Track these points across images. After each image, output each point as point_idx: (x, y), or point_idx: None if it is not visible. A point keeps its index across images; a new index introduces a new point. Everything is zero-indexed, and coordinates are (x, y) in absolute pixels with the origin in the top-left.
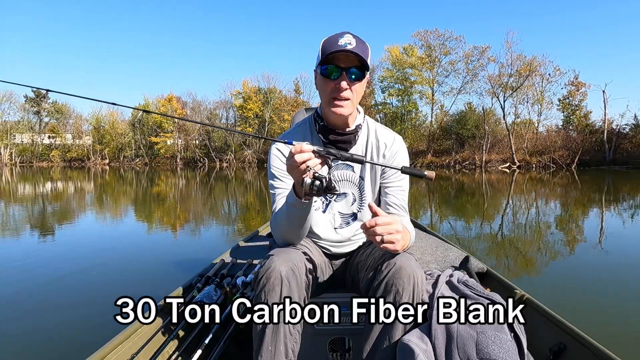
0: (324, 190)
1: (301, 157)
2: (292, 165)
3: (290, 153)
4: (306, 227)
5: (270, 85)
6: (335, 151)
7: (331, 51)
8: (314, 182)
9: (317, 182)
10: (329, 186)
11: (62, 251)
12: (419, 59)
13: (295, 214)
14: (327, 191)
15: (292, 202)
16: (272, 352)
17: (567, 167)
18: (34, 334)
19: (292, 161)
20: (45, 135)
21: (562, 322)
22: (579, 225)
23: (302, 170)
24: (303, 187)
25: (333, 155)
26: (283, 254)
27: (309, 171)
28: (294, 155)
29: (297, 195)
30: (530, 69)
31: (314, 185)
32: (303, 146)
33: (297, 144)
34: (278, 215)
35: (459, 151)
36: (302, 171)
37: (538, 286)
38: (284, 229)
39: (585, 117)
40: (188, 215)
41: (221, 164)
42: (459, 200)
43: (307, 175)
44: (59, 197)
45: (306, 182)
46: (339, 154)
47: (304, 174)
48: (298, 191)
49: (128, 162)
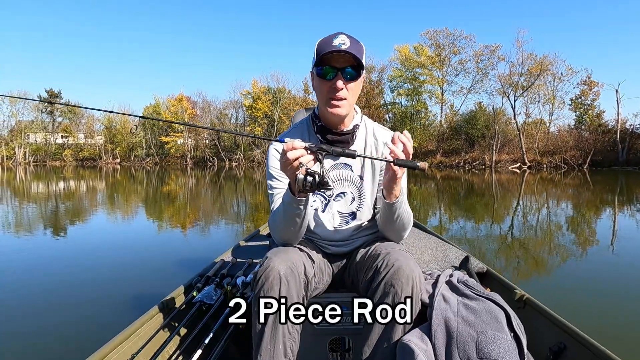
0: (317, 186)
1: (293, 154)
2: (285, 163)
3: (283, 150)
4: (303, 226)
5: (279, 85)
6: (327, 147)
7: (326, 52)
8: (306, 178)
9: (309, 178)
10: (322, 181)
11: (63, 250)
12: (429, 58)
13: (291, 212)
14: (321, 186)
15: (288, 201)
16: (270, 351)
17: (579, 167)
18: (34, 333)
19: (284, 158)
20: (58, 134)
21: (562, 322)
22: (583, 226)
23: (295, 167)
24: (296, 183)
25: (325, 151)
26: (282, 254)
27: (302, 167)
28: (286, 153)
29: (292, 193)
30: (541, 68)
31: (307, 181)
32: (295, 143)
33: (289, 141)
34: (275, 215)
35: (469, 151)
36: (295, 168)
37: (538, 286)
38: (282, 227)
39: (598, 117)
40: (193, 214)
41: (230, 163)
42: (467, 201)
43: (300, 171)
44: (69, 196)
45: (299, 178)
46: (331, 149)
47: (297, 170)
48: (293, 188)
49: (139, 161)
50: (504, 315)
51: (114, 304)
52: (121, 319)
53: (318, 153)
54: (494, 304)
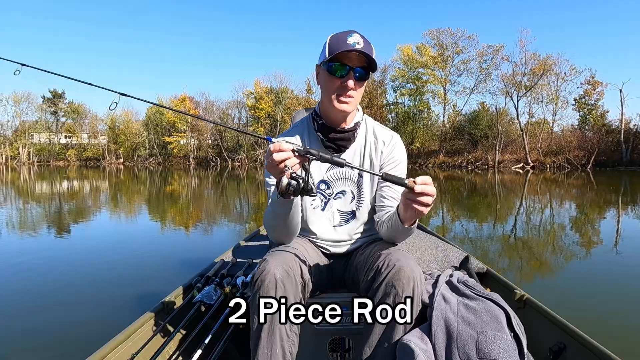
0: (300, 192)
1: (279, 156)
2: (270, 164)
3: (269, 151)
4: (294, 225)
5: (282, 85)
6: (316, 151)
7: (341, 50)
8: (290, 183)
9: (293, 182)
10: (306, 188)
11: (64, 250)
12: (432, 58)
13: (279, 210)
14: (304, 193)
15: (276, 200)
16: (268, 355)
17: (582, 167)
18: (34, 333)
19: (270, 159)
20: (62, 135)
21: (562, 322)
22: (585, 226)
23: (281, 169)
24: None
25: (312, 156)
26: (278, 256)
27: (287, 170)
28: (272, 154)
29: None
30: (544, 68)
31: (290, 186)
32: (282, 145)
33: (277, 142)
34: (266, 213)
35: (472, 151)
36: (280, 170)
37: (538, 286)
38: (271, 225)
39: (601, 117)
40: (194, 214)
41: (233, 163)
42: (470, 201)
43: (285, 174)
44: (72, 196)
45: (282, 182)
46: (319, 154)
47: (281, 173)
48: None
49: (142, 161)
50: (504, 315)
51: (114, 304)
52: (121, 319)
53: (306, 158)
54: (494, 304)
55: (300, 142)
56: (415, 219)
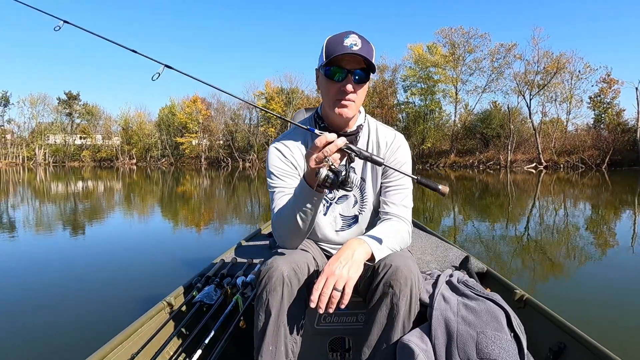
0: (339, 184)
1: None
2: (311, 154)
3: (315, 144)
4: (310, 226)
5: (292, 85)
6: (357, 148)
7: (337, 54)
8: (328, 175)
9: (332, 175)
10: (344, 181)
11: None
12: (443, 57)
13: (303, 205)
14: (341, 186)
15: (302, 193)
16: (272, 352)
17: (597, 167)
18: (34, 333)
19: (316, 151)
20: (77, 136)
21: (562, 322)
22: (599, 228)
23: (321, 159)
24: (317, 177)
25: (353, 152)
26: (285, 255)
27: (327, 162)
28: (320, 147)
29: (308, 185)
30: (558, 66)
31: (329, 178)
32: (328, 137)
33: (322, 134)
34: (281, 213)
35: (484, 151)
36: (320, 160)
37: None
38: (288, 225)
39: (617, 115)
40: (197, 215)
41: (244, 164)
42: (482, 201)
43: (324, 165)
44: (86, 196)
45: (321, 172)
46: (359, 151)
47: (320, 164)
48: (309, 179)
49: (154, 162)
50: (504, 315)
51: (115, 304)
52: (121, 319)
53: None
54: (494, 304)
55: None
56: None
